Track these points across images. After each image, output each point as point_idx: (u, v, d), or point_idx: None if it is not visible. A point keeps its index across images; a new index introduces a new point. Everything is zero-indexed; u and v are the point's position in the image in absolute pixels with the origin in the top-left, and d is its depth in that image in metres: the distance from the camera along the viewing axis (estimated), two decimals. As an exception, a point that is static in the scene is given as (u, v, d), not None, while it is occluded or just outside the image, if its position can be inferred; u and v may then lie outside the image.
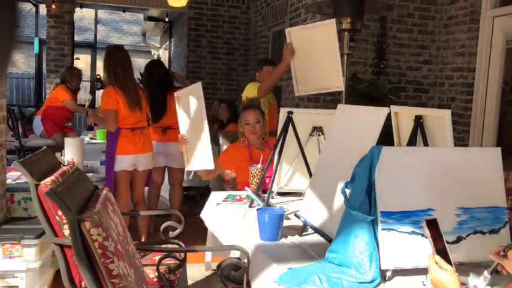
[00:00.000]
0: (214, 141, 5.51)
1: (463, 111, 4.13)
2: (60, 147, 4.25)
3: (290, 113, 2.39)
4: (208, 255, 2.87)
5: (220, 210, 2.43)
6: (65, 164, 2.32)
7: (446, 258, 1.31)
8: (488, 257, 1.41)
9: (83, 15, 13.35)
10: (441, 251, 1.33)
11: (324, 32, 2.75)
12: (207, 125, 2.64)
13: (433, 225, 1.37)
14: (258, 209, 1.96)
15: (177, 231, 2.44)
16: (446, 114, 1.87)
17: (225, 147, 3.54)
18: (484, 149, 2.11)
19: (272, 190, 2.40)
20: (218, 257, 2.67)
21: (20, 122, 6.19)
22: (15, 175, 3.38)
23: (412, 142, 1.99)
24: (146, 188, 4.48)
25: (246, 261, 1.81)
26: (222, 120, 5.52)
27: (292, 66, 2.99)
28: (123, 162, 3.46)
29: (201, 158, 2.73)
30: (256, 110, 3.07)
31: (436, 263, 1.31)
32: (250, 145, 3.04)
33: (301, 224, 2.01)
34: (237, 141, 3.15)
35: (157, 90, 4.03)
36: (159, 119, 4.05)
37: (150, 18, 10.26)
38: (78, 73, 6.02)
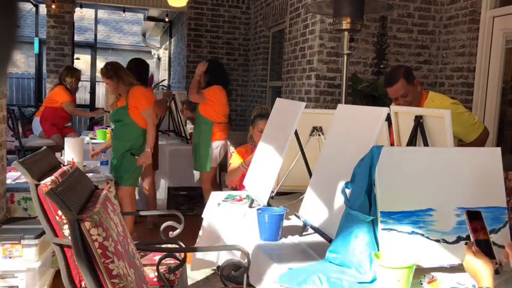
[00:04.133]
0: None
1: (463, 111, 4.13)
2: (59, 148, 4.25)
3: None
4: (199, 254, 2.84)
5: (220, 210, 2.43)
6: (65, 164, 2.32)
7: (488, 250, 1.31)
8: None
9: (83, 15, 13.36)
10: (482, 243, 1.33)
11: None
12: (284, 153, 2.19)
13: (476, 217, 1.38)
14: (258, 209, 1.96)
15: (177, 231, 2.44)
16: (446, 114, 1.87)
17: (231, 148, 3.75)
18: (484, 149, 2.11)
19: (272, 190, 2.40)
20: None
21: (20, 122, 6.18)
22: (15, 175, 3.37)
23: (412, 142, 1.99)
24: (145, 189, 4.52)
25: (246, 261, 1.81)
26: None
27: None
28: None
29: (258, 186, 2.40)
30: None
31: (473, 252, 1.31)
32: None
33: (301, 224, 2.01)
34: (246, 144, 3.44)
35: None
36: None
37: (150, 18, 10.25)
38: (78, 74, 5.96)
